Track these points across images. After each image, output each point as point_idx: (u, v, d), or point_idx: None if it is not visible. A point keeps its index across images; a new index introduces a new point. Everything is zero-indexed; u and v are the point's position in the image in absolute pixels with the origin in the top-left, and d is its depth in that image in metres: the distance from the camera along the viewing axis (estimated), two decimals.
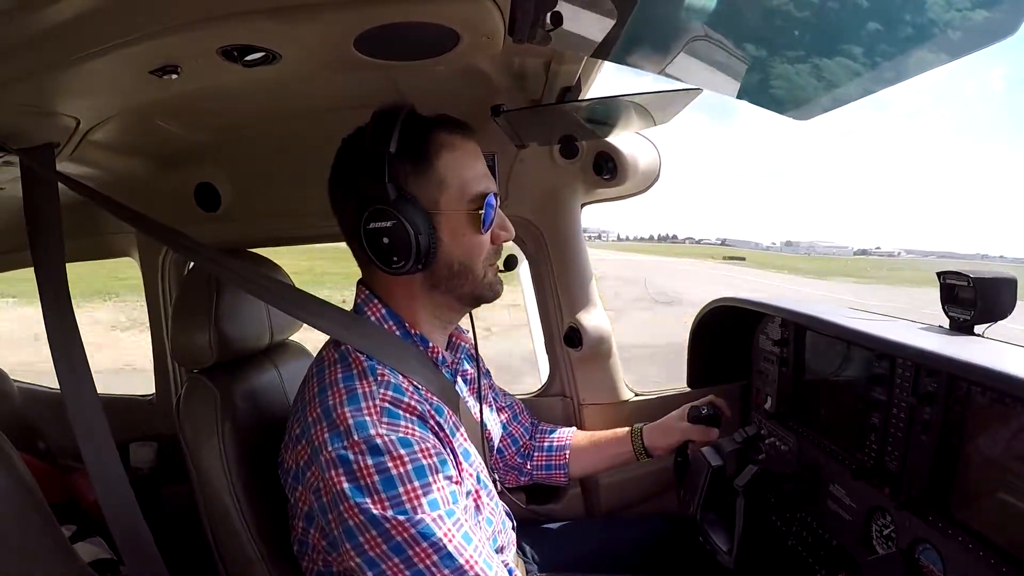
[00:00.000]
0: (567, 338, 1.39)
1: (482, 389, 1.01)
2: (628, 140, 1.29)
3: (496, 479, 0.98)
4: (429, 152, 0.78)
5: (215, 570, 0.93)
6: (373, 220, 0.75)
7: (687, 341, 1.49)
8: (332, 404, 0.72)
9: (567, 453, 1.19)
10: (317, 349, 0.88)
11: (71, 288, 0.91)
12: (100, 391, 0.92)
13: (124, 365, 6.85)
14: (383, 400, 0.72)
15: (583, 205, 1.40)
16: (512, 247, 1.48)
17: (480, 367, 1.02)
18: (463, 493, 0.76)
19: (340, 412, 0.70)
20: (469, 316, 0.93)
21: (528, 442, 1.21)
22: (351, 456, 0.68)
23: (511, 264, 0.91)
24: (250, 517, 0.89)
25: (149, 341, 1.66)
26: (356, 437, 0.68)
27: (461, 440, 0.82)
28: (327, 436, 0.70)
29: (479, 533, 0.75)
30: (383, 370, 0.75)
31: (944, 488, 0.84)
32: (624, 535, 1.27)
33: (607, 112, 1.06)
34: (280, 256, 1.17)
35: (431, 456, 0.70)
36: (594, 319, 1.37)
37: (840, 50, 0.57)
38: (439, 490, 0.69)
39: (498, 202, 0.83)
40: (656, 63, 0.67)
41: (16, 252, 1.63)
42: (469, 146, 0.82)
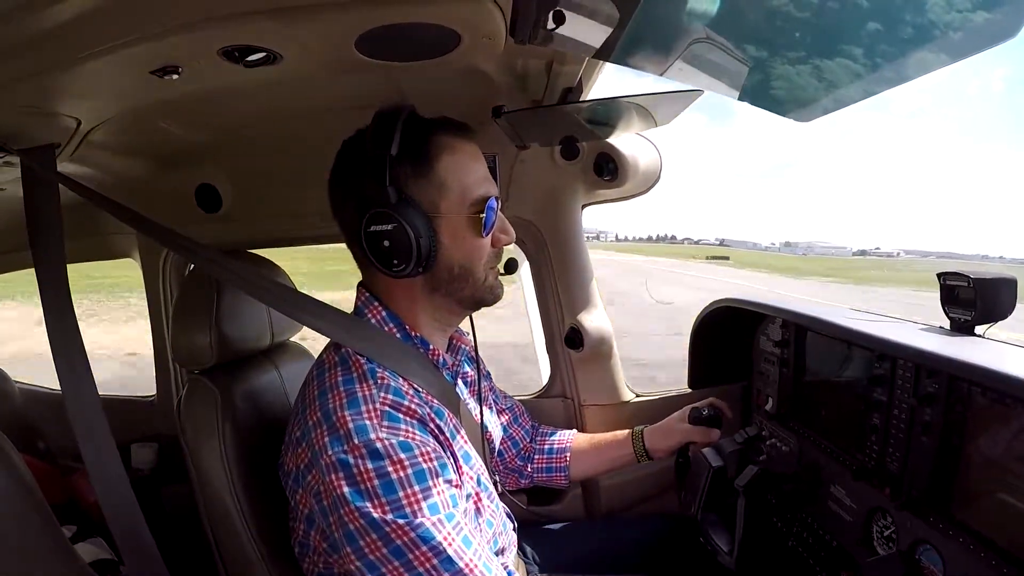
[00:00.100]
0: (568, 339, 1.39)
1: (482, 391, 1.01)
2: (629, 141, 1.29)
3: (497, 481, 0.98)
4: (430, 155, 0.78)
5: (215, 571, 0.93)
6: (374, 223, 0.75)
7: (688, 342, 1.48)
8: (332, 407, 0.72)
9: (568, 455, 1.19)
10: (317, 350, 0.88)
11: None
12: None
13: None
14: (383, 404, 0.72)
15: (584, 206, 1.40)
16: (513, 248, 1.49)
17: (480, 369, 1.01)
18: (463, 496, 0.76)
19: (340, 416, 0.70)
20: (469, 318, 0.93)
21: (529, 445, 1.21)
22: (351, 460, 0.68)
23: (511, 268, 0.90)
24: (250, 518, 0.88)
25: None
26: (356, 441, 0.68)
27: (462, 443, 0.82)
28: (327, 440, 0.70)
29: (479, 536, 0.75)
30: (383, 373, 0.75)
31: (945, 489, 0.84)
32: (625, 536, 1.27)
33: (608, 113, 1.06)
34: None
35: (431, 460, 0.70)
36: (595, 320, 1.37)
37: (841, 51, 0.57)
38: (439, 494, 0.69)
39: (499, 205, 0.83)
40: (657, 64, 0.67)
41: (16, 252, 1.63)
42: (470, 148, 0.82)
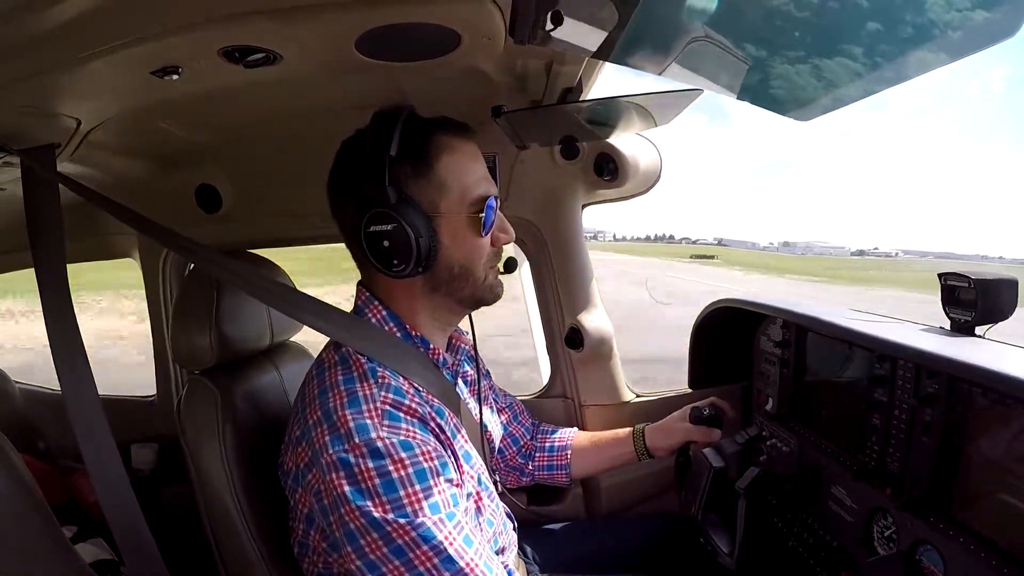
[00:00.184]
0: (568, 339, 1.39)
1: (482, 390, 1.01)
2: (629, 141, 1.29)
3: (497, 480, 0.98)
4: (429, 155, 0.78)
5: (215, 571, 0.93)
6: (374, 223, 0.75)
7: (689, 342, 1.48)
8: (333, 406, 0.72)
9: (568, 453, 1.19)
10: (318, 349, 0.88)
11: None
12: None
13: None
14: (384, 403, 0.72)
15: (584, 206, 1.40)
16: (513, 248, 1.48)
17: (480, 368, 1.01)
18: (464, 495, 0.76)
19: (341, 415, 0.70)
20: (468, 317, 0.93)
21: (529, 442, 1.21)
22: (352, 459, 0.68)
23: (511, 267, 0.91)
24: (250, 518, 0.88)
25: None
26: (357, 440, 0.68)
27: (462, 442, 0.82)
28: (328, 439, 0.70)
29: (480, 536, 0.74)
30: (384, 372, 0.75)
31: (945, 489, 0.84)
32: (625, 536, 1.27)
33: (608, 113, 1.06)
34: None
35: (432, 459, 0.70)
36: (595, 320, 1.37)
37: (841, 50, 0.57)
38: (440, 493, 0.69)
39: (498, 205, 0.83)
40: (657, 64, 0.67)
41: (17, 252, 1.64)
42: (469, 148, 0.82)
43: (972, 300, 0.95)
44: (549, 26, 0.61)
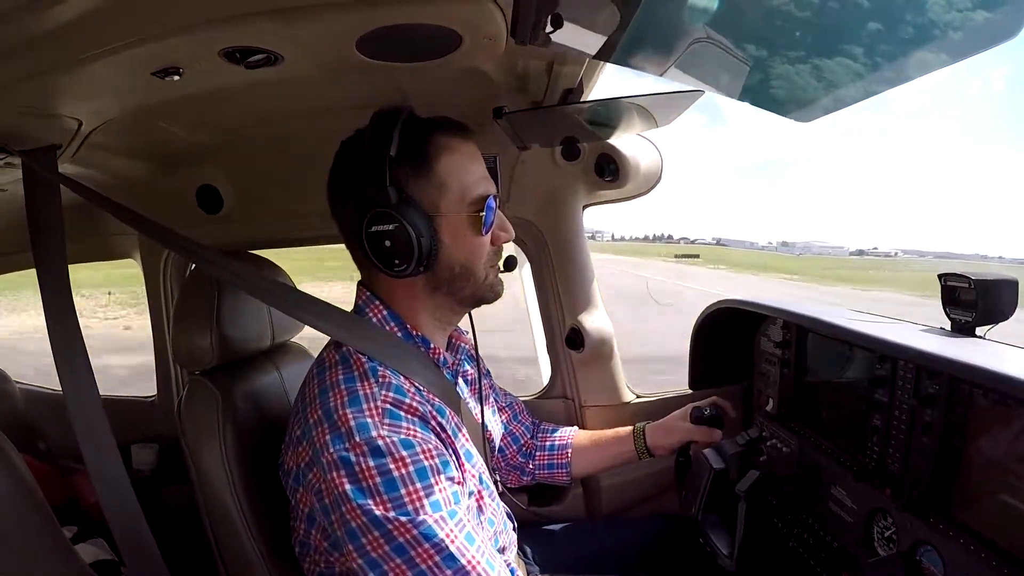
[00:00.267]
0: (569, 340, 1.39)
1: (483, 390, 1.01)
2: (630, 142, 1.29)
3: (497, 480, 0.98)
4: (429, 155, 0.78)
5: (216, 571, 0.93)
6: (375, 223, 0.75)
7: (689, 343, 1.48)
8: (333, 405, 0.72)
9: (569, 452, 1.19)
10: (318, 349, 0.88)
11: None
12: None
13: None
14: (384, 401, 0.72)
15: (585, 207, 1.40)
16: (513, 248, 1.49)
17: (480, 368, 1.02)
18: (465, 494, 0.76)
19: (341, 413, 0.70)
20: (469, 317, 0.93)
21: (530, 441, 1.21)
22: (353, 458, 0.68)
23: (511, 265, 0.91)
24: (251, 518, 0.88)
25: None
26: (358, 439, 0.68)
27: (463, 441, 0.82)
28: (329, 438, 0.70)
29: (481, 534, 0.75)
30: (384, 371, 0.75)
31: (945, 490, 0.84)
32: (625, 536, 1.27)
33: (609, 114, 1.06)
34: None
35: (433, 457, 0.70)
36: (596, 320, 1.37)
37: (841, 51, 0.57)
38: (441, 491, 0.69)
39: (498, 204, 0.83)
40: (658, 65, 0.67)
41: (18, 253, 1.64)
42: (469, 148, 0.82)
43: (972, 301, 0.95)
44: (550, 27, 0.61)
